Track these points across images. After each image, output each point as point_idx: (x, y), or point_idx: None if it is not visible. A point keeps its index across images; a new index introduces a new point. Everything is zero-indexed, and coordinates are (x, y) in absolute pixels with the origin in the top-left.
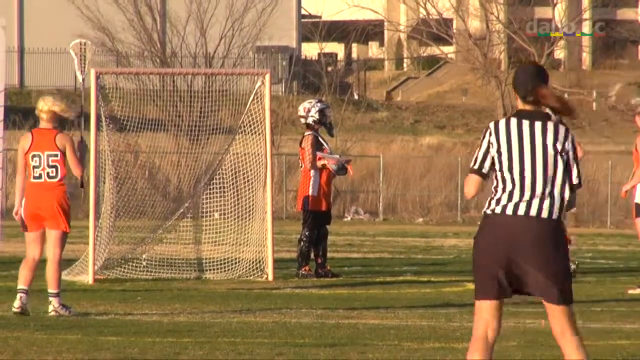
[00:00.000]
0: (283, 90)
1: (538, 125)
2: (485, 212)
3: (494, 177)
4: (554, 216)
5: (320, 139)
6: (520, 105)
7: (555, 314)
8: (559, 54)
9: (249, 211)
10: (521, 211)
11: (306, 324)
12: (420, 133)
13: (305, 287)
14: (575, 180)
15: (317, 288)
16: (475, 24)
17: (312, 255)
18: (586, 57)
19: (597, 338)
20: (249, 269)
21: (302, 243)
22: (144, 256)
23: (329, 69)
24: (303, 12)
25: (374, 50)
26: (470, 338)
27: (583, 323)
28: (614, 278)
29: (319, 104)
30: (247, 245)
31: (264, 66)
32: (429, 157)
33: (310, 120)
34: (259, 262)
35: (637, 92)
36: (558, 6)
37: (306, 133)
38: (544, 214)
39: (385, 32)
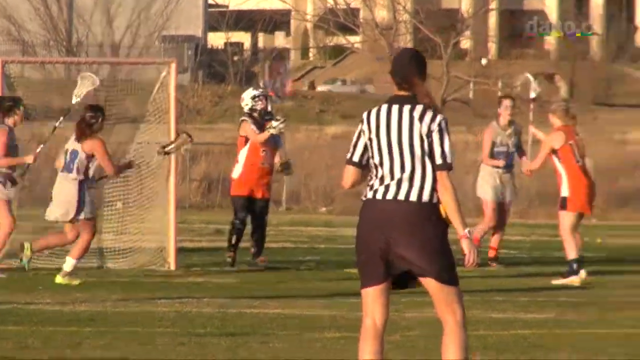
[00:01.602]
0: (189, 79)
1: (406, 109)
2: (362, 199)
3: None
4: (424, 199)
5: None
6: (395, 91)
7: (434, 293)
8: (465, 44)
9: (152, 200)
10: (390, 195)
11: (208, 314)
12: (325, 123)
13: (207, 277)
14: (438, 161)
15: (219, 277)
16: (382, 14)
17: (234, 243)
18: (492, 47)
19: (500, 328)
20: (152, 258)
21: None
22: None
23: (235, 58)
24: (210, 1)
25: (280, 39)
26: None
27: (485, 312)
28: (518, 268)
29: (252, 91)
30: (149, 234)
31: (170, 55)
32: (333, 147)
33: (246, 108)
34: (162, 251)
35: (536, 82)
36: None
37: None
38: (413, 197)
39: (292, 21)
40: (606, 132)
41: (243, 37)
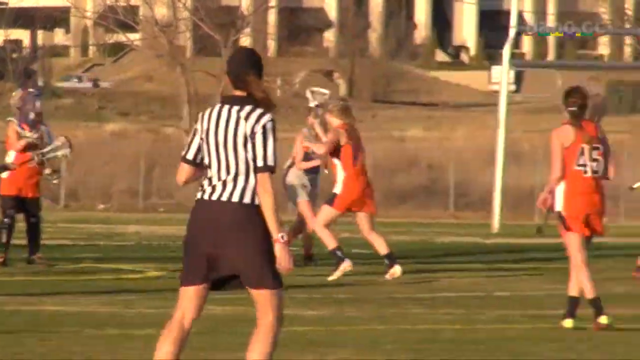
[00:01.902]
0: None
1: (234, 109)
2: (195, 198)
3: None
4: (245, 200)
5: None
6: (231, 90)
7: (254, 295)
8: (245, 41)
9: None
10: (215, 196)
11: None
12: (104, 120)
13: None
14: (259, 163)
15: None
16: (162, 11)
17: (5, 242)
18: (271, 45)
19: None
20: None
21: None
22: None
23: (14, 55)
24: None
25: (59, 37)
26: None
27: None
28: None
29: (20, 91)
30: None
31: None
32: (112, 144)
33: (13, 108)
34: None
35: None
36: None
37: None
38: (235, 198)
39: (72, 18)
40: (385, 130)
41: (22, 35)
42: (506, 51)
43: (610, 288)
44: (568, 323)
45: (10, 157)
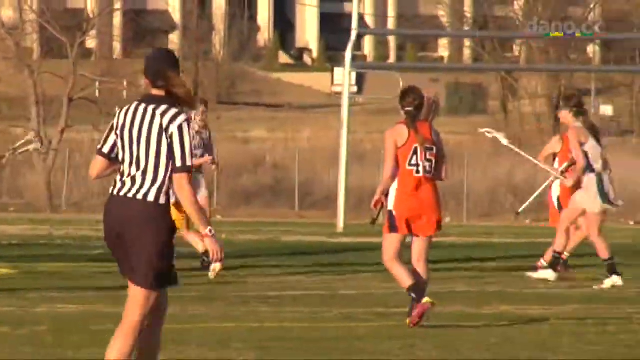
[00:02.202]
0: None
1: (150, 108)
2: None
3: None
4: (149, 198)
5: None
6: (151, 90)
7: (131, 289)
8: (91, 43)
9: None
10: (123, 192)
11: None
12: None
13: None
14: (177, 163)
15: None
16: (8, 14)
17: None
18: (117, 46)
19: None
20: None
21: None
22: None
23: None
24: None
25: None
26: None
27: (114, 308)
28: None
29: None
30: None
31: None
32: None
33: None
34: None
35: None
36: None
37: None
38: (139, 196)
39: None
40: (229, 131)
41: None
42: (348, 53)
43: (454, 287)
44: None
45: None
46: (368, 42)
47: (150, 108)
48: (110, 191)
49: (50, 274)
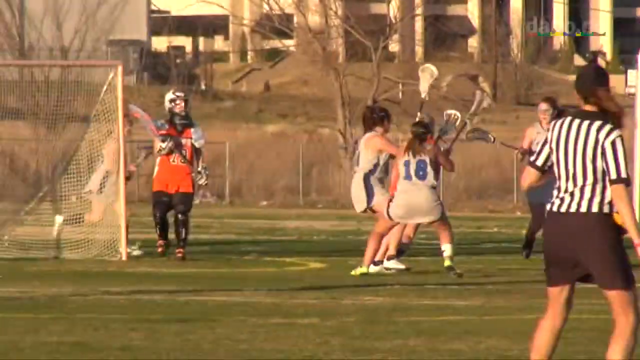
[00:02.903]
0: (134, 81)
1: (585, 124)
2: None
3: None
4: (593, 209)
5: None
6: (582, 105)
7: (608, 296)
8: (394, 47)
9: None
10: (564, 208)
11: (158, 301)
12: (264, 121)
13: (156, 267)
14: (612, 175)
15: (167, 267)
16: (315, 19)
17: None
18: (419, 50)
19: (433, 314)
20: (104, 248)
21: None
22: (5, 237)
23: (178, 61)
24: (153, 7)
25: (219, 43)
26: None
27: (418, 299)
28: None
29: (171, 94)
30: (102, 226)
31: (116, 58)
32: (272, 144)
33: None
34: (113, 242)
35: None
36: (392, 3)
37: None
38: (582, 209)
39: (230, 26)
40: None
41: (184, 41)
42: None
43: None
44: None
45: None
46: None
47: (585, 124)
48: (549, 208)
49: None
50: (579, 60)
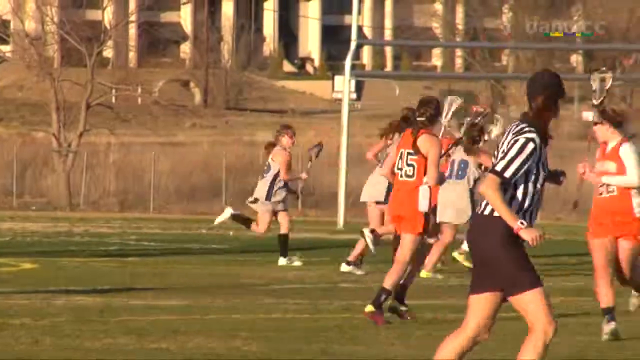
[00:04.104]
0: None
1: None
2: None
3: None
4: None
5: None
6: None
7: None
8: (108, 53)
9: None
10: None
11: None
12: None
13: None
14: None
15: None
16: (31, 25)
17: None
18: (133, 56)
19: (140, 314)
20: None
21: None
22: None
23: None
24: None
25: None
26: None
27: (128, 300)
28: (156, 258)
29: None
30: None
31: None
32: None
33: None
34: None
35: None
36: (107, 9)
37: None
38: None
39: None
40: (237, 134)
41: None
42: (348, 62)
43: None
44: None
45: None
46: (366, 52)
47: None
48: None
49: (70, 268)
50: (288, 67)
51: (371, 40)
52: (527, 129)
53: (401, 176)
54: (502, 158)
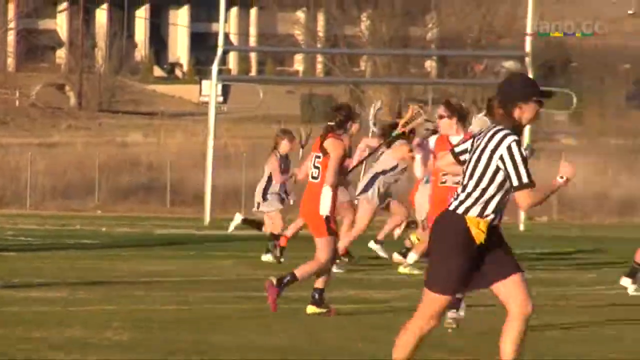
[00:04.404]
0: None
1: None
2: None
3: None
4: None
5: None
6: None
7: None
8: None
9: None
10: None
11: None
12: None
13: None
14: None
15: None
16: None
17: None
18: (11, 61)
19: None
20: None
21: None
22: None
23: None
24: None
25: None
26: None
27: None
28: (33, 253)
29: None
30: None
31: None
32: None
33: None
34: None
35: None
36: None
37: None
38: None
39: None
40: (110, 136)
41: None
42: (214, 67)
43: None
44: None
45: None
46: (232, 58)
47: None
48: None
49: None
50: (158, 72)
51: (237, 46)
52: (508, 132)
53: (310, 178)
54: (516, 171)
